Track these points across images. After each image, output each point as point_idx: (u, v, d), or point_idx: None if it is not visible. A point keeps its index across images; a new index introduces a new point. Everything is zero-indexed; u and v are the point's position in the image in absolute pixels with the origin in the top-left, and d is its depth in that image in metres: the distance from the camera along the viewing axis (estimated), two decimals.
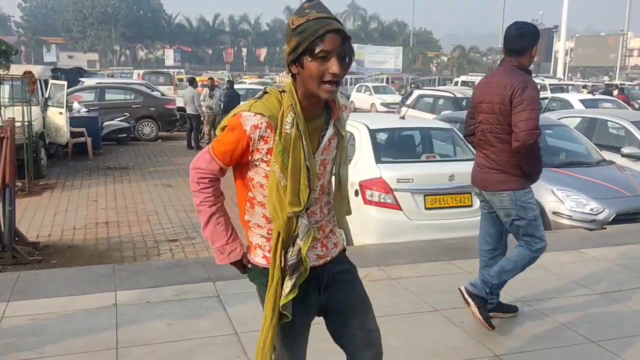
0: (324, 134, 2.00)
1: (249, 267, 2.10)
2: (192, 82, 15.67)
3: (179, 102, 16.72)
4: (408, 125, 6.78)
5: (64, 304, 3.87)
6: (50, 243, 6.80)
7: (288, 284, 1.96)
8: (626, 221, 6.31)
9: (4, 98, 9.68)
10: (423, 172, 5.88)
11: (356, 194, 5.81)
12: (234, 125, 1.93)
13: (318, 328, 2.18)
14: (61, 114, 11.73)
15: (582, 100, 13.61)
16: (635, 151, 8.07)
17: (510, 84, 3.51)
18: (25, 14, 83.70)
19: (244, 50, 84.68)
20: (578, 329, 3.70)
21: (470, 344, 3.48)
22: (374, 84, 31.67)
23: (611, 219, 6.25)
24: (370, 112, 24.50)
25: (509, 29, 3.71)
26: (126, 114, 15.68)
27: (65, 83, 12.31)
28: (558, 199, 6.44)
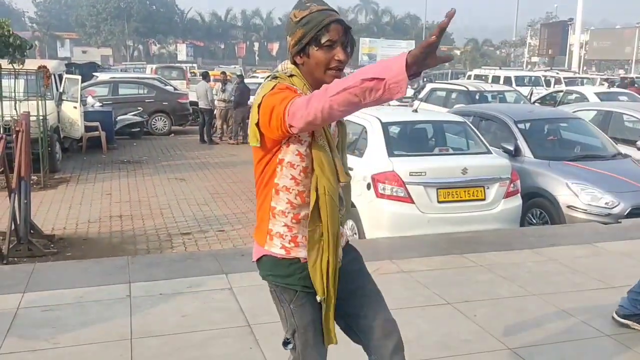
0: None
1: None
2: (205, 77, 15.73)
3: (191, 97, 16.78)
4: (420, 119, 6.76)
5: (78, 295, 3.92)
6: (65, 236, 6.87)
7: (340, 250, 2.03)
8: None
9: (19, 92, 9.77)
10: (436, 166, 5.86)
11: (368, 187, 5.80)
12: (285, 86, 1.91)
13: None
14: (75, 108, 11.81)
15: (598, 93, 13.47)
16: None
17: None
18: (39, 10, 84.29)
19: (256, 44, 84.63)
20: (592, 322, 3.68)
21: (483, 337, 3.47)
22: None
23: (626, 212, 6.20)
24: (383, 106, 24.39)
25: None
26: (139, 108, 15.75)
27: (80, 77, 12.38)
28: (573, 193, 6.39)
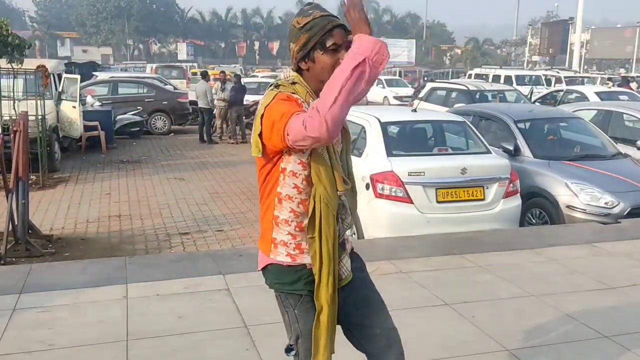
0: None
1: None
2: (205, 76, 15.70)
3: (191, 96, 16.76)
4: (420, 118, 6.73)
5: (75, 296, 3.90)
6: (64, 236, 6.84)
7: (347, 260, 2.03)
8: None
9: (18, 92, 9.75)
10: (435, 165, 5.84)
11: (367, 187, 5.78)
12: (286, 96, 1.92)
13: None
14: (74, 107, 11.78)
15: (598, 93, 13.44)
16: None
17: None
18: (39, 9, 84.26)
19: (257, 43, 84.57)
20: (591, 323, 3.66)
21: (482, 339, 3.45)
22: (386, 77, 31.52)
23: (626, 212, 6.18)
24: (382, 105, 24.40)
25: None
26: (139, 107, 15.72)
27: (79, 77, 12.35)
28: (572, 193, 6.37)
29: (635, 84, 20.12)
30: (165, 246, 6.58)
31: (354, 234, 6.11)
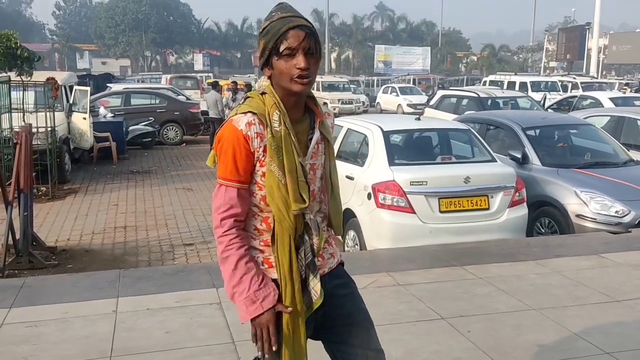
0: (311, 138, 1.97)
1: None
2: (215, 86, 15.76)
3: (203, 106, 16.83)
4: (423, 127, 6.63)
5: (64, 310, 3.85)
6: (68, 247, 6.85)
7: (315, 282, 1.92)
8: None
9: (28, 104, 9.83)
10: (437, 175, 5.73)
11: (369, 197, 5.70)
12: (226, 131, 1.86)
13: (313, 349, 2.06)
14: (85, 119, 11.87)
15: (613, 99, 13.20)
16: None
17: None
18: (59, 22, 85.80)
19: None
20: (592, 338, 3.51)
21: (475, 355, 3.33)
22: (400, 85, 31.46)
23: (637, 221, 6.00)
24: (387, 113, 24.36)
25: None
26: (151, 118, 15.84)
27: (89, 89, 12.46)
28: (582, 201, 6.21)
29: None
30: (169, 257, 6.55)
31: (356, 245, 6.03)
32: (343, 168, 6.24)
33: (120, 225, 7.91)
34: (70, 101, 11.98)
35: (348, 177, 6.08)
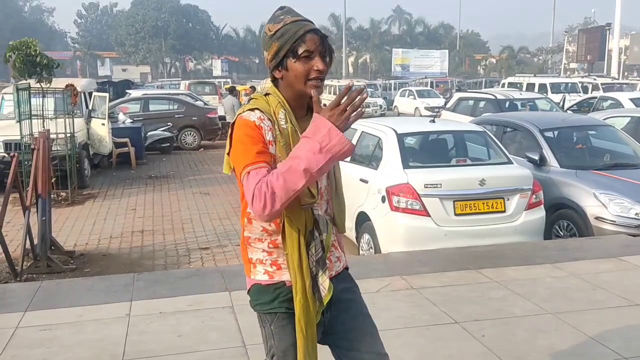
0: None
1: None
2: (232, 91, 15.86)
3: (220, 111, 16.92)
4: (437, 129, 6.58)
5: (78, 314, 3.89)
6: (86, 251, 6.92)
7: (324, 278, 1.92)
8: None
9: (48, 111, 9.97)
10: (452, 177, 5.67)
11: (383, 200, 5.66)
12: (239, 123, 1.86)
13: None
14: (103, 125, 12.00)
15: (633, 99, 12.98)
16: None
17: None
18: (80, 30, 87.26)
19: None
20: (610, 343, 3.44)
21: (490, 359, 3.28)
22: (418, 88, 31.32)
23: None
24: (402, 116, 24.29)
25: None
26: (169, 123, 15.96)
27: (107, 95, 12.59)
28: (601, 203, 6.10)
29: None
30: (184, 261, 6.58)
31: (371, 248, 6.00)
32: (357, 171, 6.22)
33: (138, 230, 7.97)
34: (90, 107, 12.13)
35: (362, 180, 6.05)
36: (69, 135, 9.95)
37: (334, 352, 2.08)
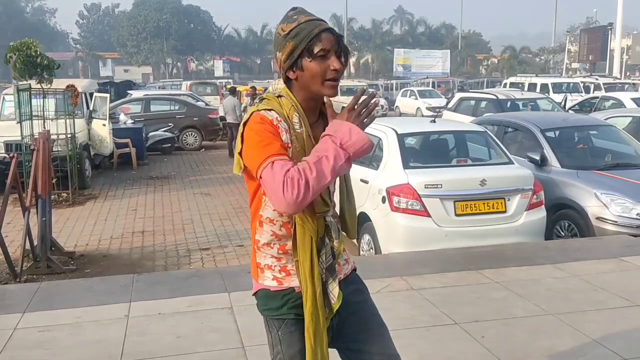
0: None
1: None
2: (233, 92, 15.84)
3: (221, 112, 16.92)
4: (438, 129, 6.56)
5: (77, 315, 3.88)
6: (87, 252, 6.91)
7: (334, 286, 1.90)
8: None
9: (49, 112, 9.97)
10: (452, 177, 5.66)
11: (383, 200, 5.65)
12: (256, 118, 1.81)
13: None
14: (104, 125, 11.99)
15: (635, 99, 12.95)
16: None
17: None
18: (82, 31, 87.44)
19: None
20: (610, 344, 3.42)
21: None
22: (419, 89, 31.31)
23: None
24: (403, 117, 24.25)
25: None
26: (170, 124, 15.96)
27: (108, 96, 12.59)
28: (602, 204, 6.08)
29: None
30: (185, 262, 6.57)
31: (371, 249, 5.98)
32: (357, 171, 6.20)
33: (139, 230, 7.96)
34: (91, 108, 12.13)
35: (362, 181, 6.04)
36: (69, 135, 9.94)
37: (342, 355, 2.06)
